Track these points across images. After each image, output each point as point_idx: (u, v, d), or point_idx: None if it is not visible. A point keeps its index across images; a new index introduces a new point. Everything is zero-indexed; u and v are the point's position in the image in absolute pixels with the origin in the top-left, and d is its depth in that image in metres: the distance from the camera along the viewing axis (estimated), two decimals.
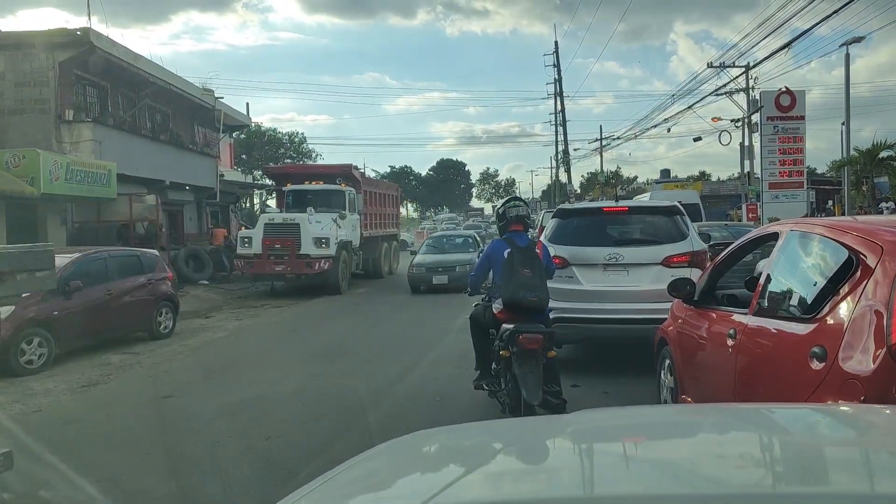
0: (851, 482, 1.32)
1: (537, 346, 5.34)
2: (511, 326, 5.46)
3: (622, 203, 8.78)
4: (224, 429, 6.12)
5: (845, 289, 3.14)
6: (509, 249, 5.82)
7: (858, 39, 23.51)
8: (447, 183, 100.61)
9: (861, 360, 2.91)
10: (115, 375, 8.83)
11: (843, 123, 25.74)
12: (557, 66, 46.40)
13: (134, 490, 4.81)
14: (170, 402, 7.34)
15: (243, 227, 23.50)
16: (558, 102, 47.39)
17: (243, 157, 56.54)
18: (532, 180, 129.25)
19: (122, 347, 10.61)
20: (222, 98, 27.37)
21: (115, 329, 10.85)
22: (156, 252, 13.06)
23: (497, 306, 5.90)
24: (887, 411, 2.05)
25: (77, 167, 15.99)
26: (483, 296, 6.39)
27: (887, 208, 24.85)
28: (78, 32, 17.92)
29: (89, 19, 23.10)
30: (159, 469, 5.18)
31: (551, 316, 6.29)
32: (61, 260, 10.22)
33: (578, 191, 58.55)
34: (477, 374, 6.42)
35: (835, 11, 16.55)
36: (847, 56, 24.44)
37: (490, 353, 6.06)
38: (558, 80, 46.77)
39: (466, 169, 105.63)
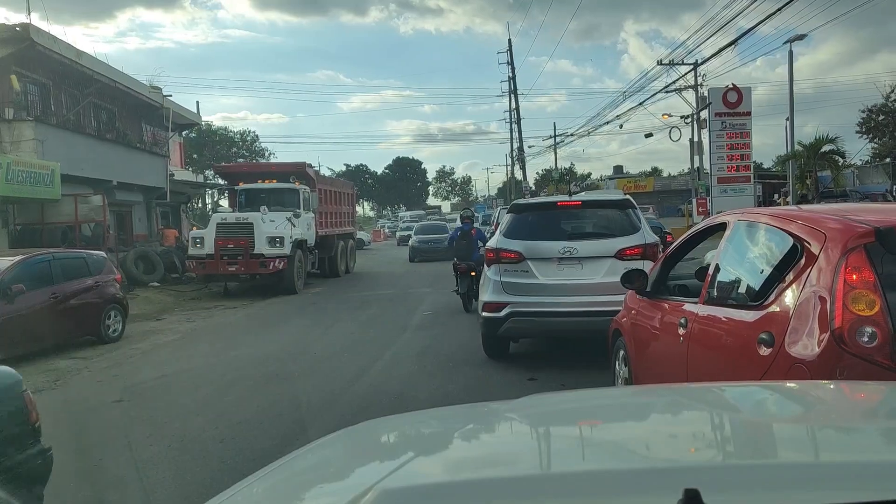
0: (797, 453, 1.36)
1: (466, 271, 12.35)
2: (459, 264, 12.55)
3: (576, 197, 8.88)
4: (177, 432, 5.99)
5: (790, 276, 3.22)
6: (459, 232, 13.23)
7: (801, 37, 24.21)
8: (403, 181, 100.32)
9: (806, 345, 2.99)
10: (63, 381, 8.56)
11: (787, 119, 26.46)
12: (511, 64, 46.66)
13: (84, 497, 4.66)
14: (120, 407, 7.14)
15: (194, 227, 23.04)
16: (513, 100, 47.71)
17: (194, 156, 55.45)
18: (488, 178, 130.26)
19: (70, 352, 10.28)
20: (171, 96, 26.79)
21: (61, 333, 10.50)
22: (103, 254, 12.70)
23: (455, 260, 12.88)
24: (831, 386, 2.11)
25: (18, 167, 15.44)
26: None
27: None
28: (17, 28, 17.32)
29: (29, 15, 22.35)
30: (110, 475, 5.04)
31: (508, 310, 7.50)
32: (2, 263, 9.89)
33: (533, 188, 59.02)
34: (456, 288, 12.91)
35: (778, 10, 17.04)
36: (790, 53, 25.16)
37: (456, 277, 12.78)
38: (512, 78, 47.05)
39: (423, 167, 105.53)
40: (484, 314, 7.78)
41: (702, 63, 26.86)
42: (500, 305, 7.54)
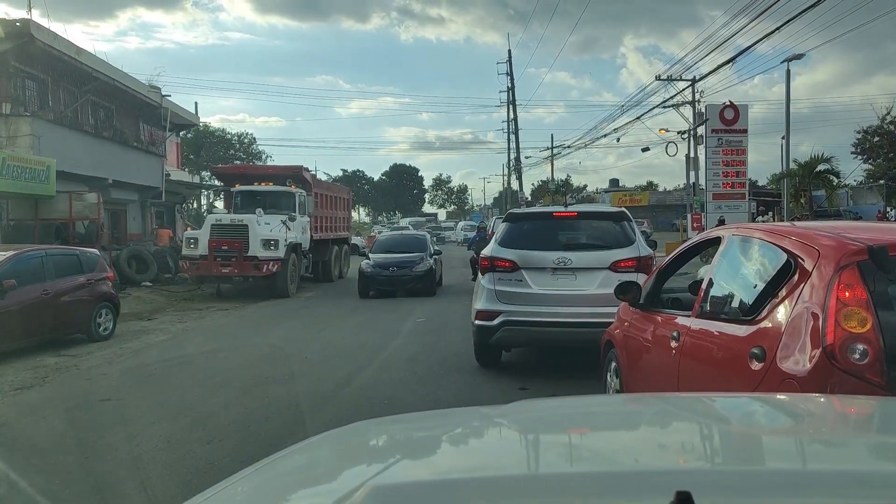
0: (786, 461, 1.38)
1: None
2: (476, 258, 12.66)
3: (571, 208, 8.90)
4: (164, 433, 5.95)
5: (783, 291, 3.22)
6: (478, 237, 22.78)
7: (799, 56, 24.40)
8: (400, 188, 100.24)
9: (798, 361, 2.99)
10: (51, 378, 8.50)
11: (783, 138, 26.67)
12: (510, 74, 46.88)
13: (69, 495, 4.62)
14: (108, 406, 7.10)
15: (189, 228, 22.98)
16: (511, 111, 47.90)
17: (191, 157, 55.32)
18: (484, 187, 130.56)
19: (59, 349, 10.22)
20: (169, 96, 26.79)
21: (51, 330, 10.45)
22: (96, 251, 12.66)
23: (474, 255, 15.46)
24: (820, 399, 2.13)
25: (14, 162, 15.40)
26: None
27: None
28: (17, 24, 17.30)
29: (29, 11, 22.31)
30: (96, 474, 4.99)
31: (501, 318, 7.50)
32: None
33: (529, 198, 59.13)
34: (473, 277, 13.51)
35: (776, 29, 17.16)
36: (788, 72, 25.36)
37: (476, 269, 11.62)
38: (511, 89, 47.28)
39: (419, 174, 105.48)
40: (477, 322, 7.76)
41: (700, 79, 27.02)
42: (494, 314, 7.54)
